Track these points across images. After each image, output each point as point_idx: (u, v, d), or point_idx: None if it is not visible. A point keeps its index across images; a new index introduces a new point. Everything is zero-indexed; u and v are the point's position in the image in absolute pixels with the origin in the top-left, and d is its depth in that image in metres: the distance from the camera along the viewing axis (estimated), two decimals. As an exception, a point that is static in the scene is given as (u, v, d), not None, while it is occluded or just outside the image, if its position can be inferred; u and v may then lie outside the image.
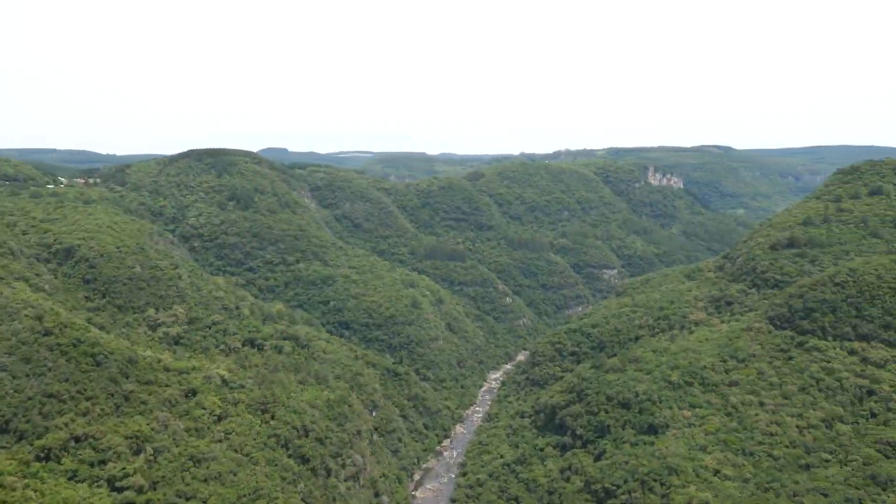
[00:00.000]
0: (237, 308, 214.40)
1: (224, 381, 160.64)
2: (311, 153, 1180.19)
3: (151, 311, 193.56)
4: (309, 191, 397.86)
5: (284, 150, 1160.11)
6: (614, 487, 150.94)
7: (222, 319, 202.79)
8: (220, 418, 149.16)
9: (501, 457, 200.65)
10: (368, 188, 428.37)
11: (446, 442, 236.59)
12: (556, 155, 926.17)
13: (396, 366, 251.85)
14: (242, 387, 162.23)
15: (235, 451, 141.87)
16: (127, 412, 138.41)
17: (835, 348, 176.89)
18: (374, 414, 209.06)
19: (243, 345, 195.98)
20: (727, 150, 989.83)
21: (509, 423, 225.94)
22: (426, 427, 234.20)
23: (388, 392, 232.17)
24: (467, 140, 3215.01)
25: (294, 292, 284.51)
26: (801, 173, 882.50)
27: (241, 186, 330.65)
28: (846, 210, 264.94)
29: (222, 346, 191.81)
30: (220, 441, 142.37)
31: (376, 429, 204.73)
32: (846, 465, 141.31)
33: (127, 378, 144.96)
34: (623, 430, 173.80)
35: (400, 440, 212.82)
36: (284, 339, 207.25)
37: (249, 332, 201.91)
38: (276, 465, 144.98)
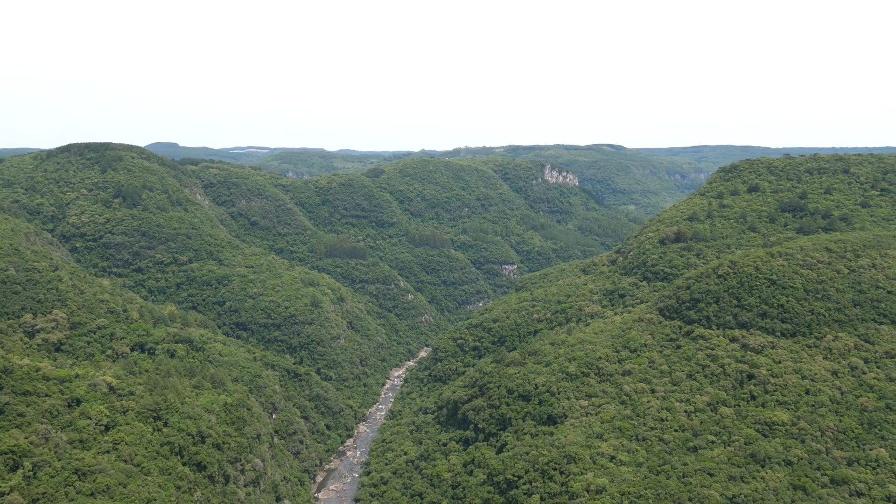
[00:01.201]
0: (125, 311, 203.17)
1: (111, 389, 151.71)
2: (204, 148, 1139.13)
3: (28, 317, 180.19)
4: (202, 187, 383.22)
5: (175, 145, 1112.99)
6: (516, 478, 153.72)
7: (108, 323, 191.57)
8: (107, 428, 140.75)
9: (405, 454, 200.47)
10: (265, 185, 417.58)
11: (349, 441, 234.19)
12: (456, 152, 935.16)
13: (297, 366, 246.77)
14: (132, 394, 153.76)
15: (125, 461, 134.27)
16: (2, 426, 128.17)
17: (718, 336, 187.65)
18: (274, 416, 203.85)
19: (132, 349, 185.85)
20: (619, 149, 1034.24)
21: (412, 419, 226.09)
22: (328, 427, 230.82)
23: (288, 393, 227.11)
24: (367, 136, 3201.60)
25: (187, 293, 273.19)
26: (687, 171, 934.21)
27: (128, 183, 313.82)
28: (727, 206, 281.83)
29: (109, 352, 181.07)
30: (107, 452, 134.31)
31: (277, 431, 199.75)
32: (729, 445, 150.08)
33: (1, 389, 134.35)
34: (524, 421, 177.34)
35: (301, 442, 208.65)
36: (177, 342, 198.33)
37: (139, 336, 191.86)
38: (169, 474, 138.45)
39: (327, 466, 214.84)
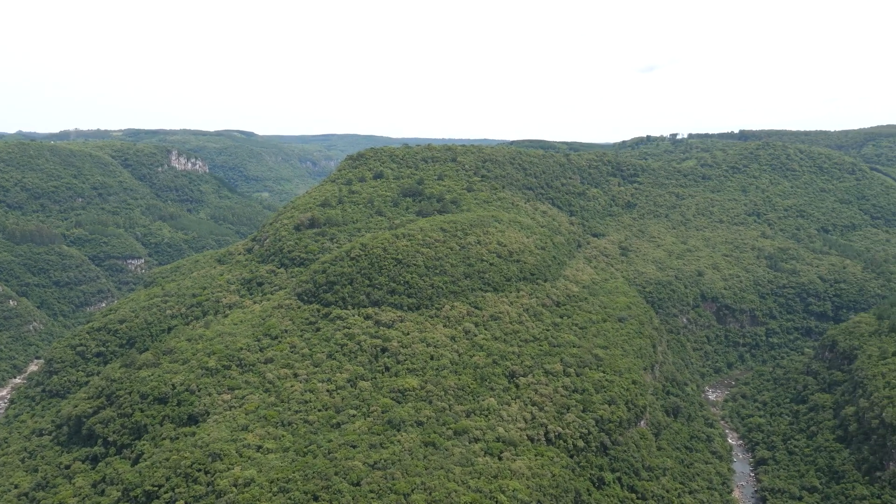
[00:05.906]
0: None
1: None
2: None
3: None
4: None
5: None
6: (156, 488, 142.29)
7: None
8: None
9: (16, 486, 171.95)
10: None
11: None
12: (64, 135, 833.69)
13: None
14: None
15: None
16: None
17: (354, 315, 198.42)
18: None
19: None
20: (250, 135, 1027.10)
21: (24, 445, 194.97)
22: None
23: None
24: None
25: None
26: (318, 159, 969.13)
27: None
28: (356, 192, 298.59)
29: None
30: None
31: None
32: (369, 416, 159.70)
33: None
34: (162, 426, 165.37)
35: None
36: None
37: None
38: None
39: None
